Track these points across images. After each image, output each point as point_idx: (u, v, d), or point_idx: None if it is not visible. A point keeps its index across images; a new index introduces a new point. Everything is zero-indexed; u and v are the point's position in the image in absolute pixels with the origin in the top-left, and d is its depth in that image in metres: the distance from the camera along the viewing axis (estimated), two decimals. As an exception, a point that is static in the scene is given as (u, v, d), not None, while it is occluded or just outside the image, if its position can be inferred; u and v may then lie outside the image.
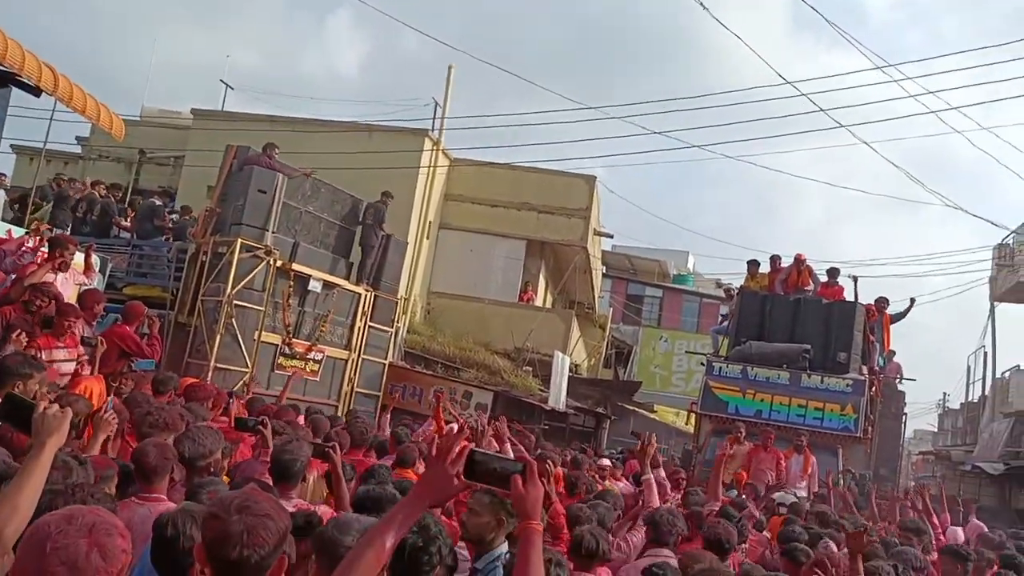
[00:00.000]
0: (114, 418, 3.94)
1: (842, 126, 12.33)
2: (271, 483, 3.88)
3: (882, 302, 14.29)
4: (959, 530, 9.35)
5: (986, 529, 9.81)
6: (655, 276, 36.98)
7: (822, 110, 12.24)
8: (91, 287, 7.45)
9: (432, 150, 18.13)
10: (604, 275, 28.72)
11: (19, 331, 5.57)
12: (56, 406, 2.33)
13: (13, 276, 6.88)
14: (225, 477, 4.43)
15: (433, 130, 18.35)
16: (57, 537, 1.67)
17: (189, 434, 4.02)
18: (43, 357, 5.97)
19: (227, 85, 20.75)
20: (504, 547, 3.23)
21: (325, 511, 3.69)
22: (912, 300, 14.93)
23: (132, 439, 4.50)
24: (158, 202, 12.96)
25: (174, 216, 13.53)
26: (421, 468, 6.31)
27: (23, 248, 7.15)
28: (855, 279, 14.31)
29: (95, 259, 10.10)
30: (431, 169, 18.15)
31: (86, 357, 6.11)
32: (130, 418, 4.52)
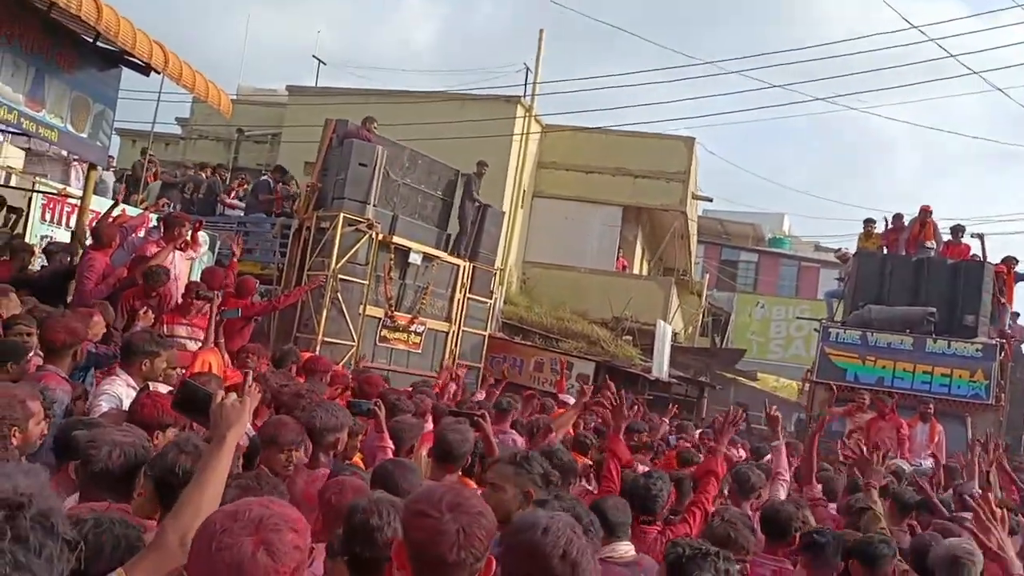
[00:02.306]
0: (259, 391, 3.83)
1: (974, 72, 11.45)
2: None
3: (1011, 261, 13.37)
4: None
5: None
6: (749, 240, 35.92)
7: (952, 56, 11.39)
8: (210, 266, 7.51)
9: (525, 117, 17.82)
10: (698, 240, 28.00)
11: (146, 308, 5.59)
12: (234, 395, 2.17)
13: (133, 256, 6.97)
14: (359, 456, 4.30)
15: (525, 96, 18.02)
16: (222, 536, 1.50)
17: (324, 405, 3.90)
18: (164, 332, 6.05)
19: (320, 61, 20.88)
20: None
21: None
22: None
23: (262, 415, 4.42)
24: (266, 177, 13.07)
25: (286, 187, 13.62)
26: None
27: (146, 225, 7.23)
28: (981, 237, 13.44)
29: (204, 236, 10.28)
30: (524, 137, 17.86)
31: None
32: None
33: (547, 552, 1.73)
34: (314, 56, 20.87)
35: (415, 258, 12.13)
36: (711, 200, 23.16)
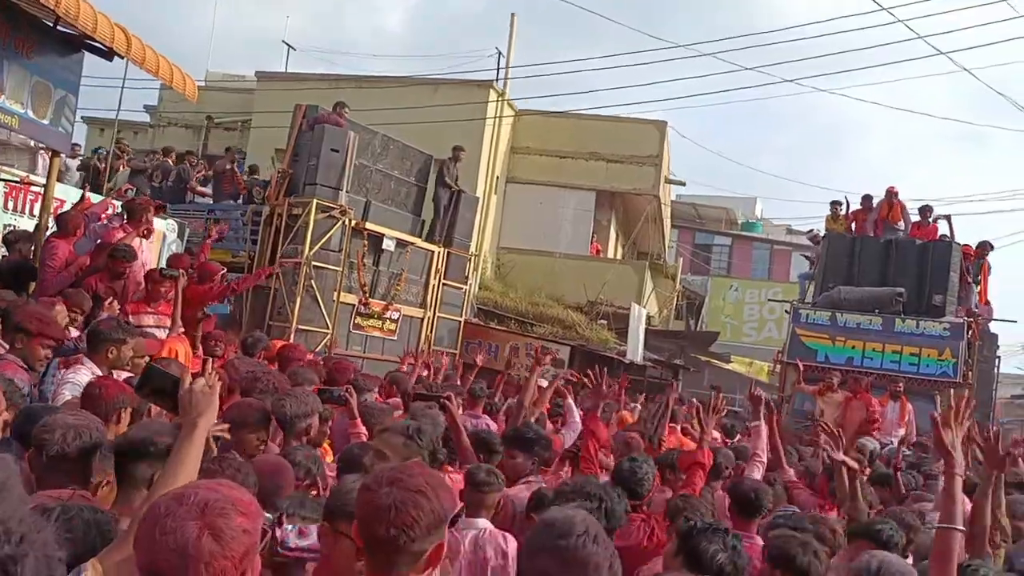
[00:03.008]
0: (223, 378, 3.79)
1: (941, 53, 11.55)
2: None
3: (986, 247, 13.54)
4: None
5: None
6: (723, 224, 36.16)
7: (920, 37, 11.48)
8: (176, 252, 7.40)
9: (497, 101, 17.74)
10: (671, 225, 28.12)
11: (112, 298, 5.51)
12: (203, 380, 2.13)
13: (98, 242, 6.86)
14: (328, 442, 4.27)
15: (497, 81, 17.94)
16: (165, 521, 1.46)
17: (292, 392, 3.87)
18: (131, 321, 5.94)
19: (289, 46, 20.66)
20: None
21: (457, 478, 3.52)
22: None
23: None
24: (228, 165, 12.93)
25: (245, 177, 13.49)
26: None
27: (109, 212, 7.11)
28: (948, 217, 13.61)
29: (172, 223, 10.16)
30: (497, 121, 17.79)
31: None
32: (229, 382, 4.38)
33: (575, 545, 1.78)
34: (283, 41, 20.68)
35: (389, 244, 12.08)
36: (684, 184, 23.26)
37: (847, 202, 14.28)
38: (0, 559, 1.12)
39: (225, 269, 7.41)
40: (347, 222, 11.14)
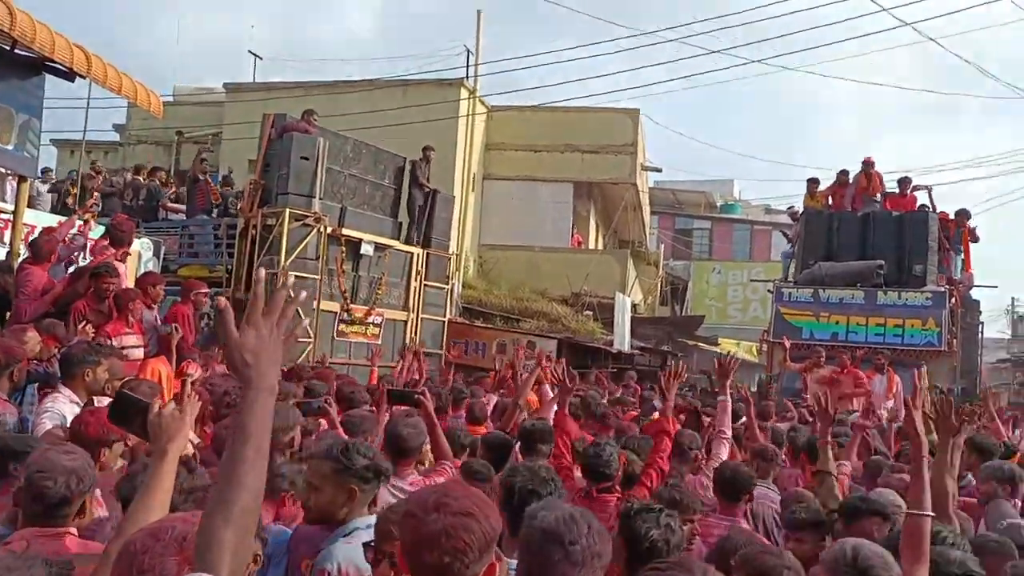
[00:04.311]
0: (199, 400, 3.73)
1: (906, 24, 11.59)
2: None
3: (963, 215, 13.62)
4: None
5: None
6: (702, 208, 36.27)
7: (886, 10, 11.50)
8: (149, 270, 7.30)
9: (469, 99, 17.68)
10: (651, 211, 28.16)
11: (84, 322, 5.42)
12: (173, 405, 2.06)
13: (72, 268, 6.76)
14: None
15: (468, 78, 17.87)
16: (142, 558, 1.39)
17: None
18: (112, 344, 5.85)
19: (256, 56, 20.50)
20: (369, 519, 2.58)
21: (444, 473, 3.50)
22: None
23: (208, 425, 4.30)
24: (200, 176, 12.80)
25: (219, 188, 13.35)
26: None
27: (78, 232, 7.01)
28: (929, 189, 13.69)
29: (147, 242, 10.04)
30: (469, 119, 17.73)
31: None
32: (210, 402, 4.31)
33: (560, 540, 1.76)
34: (250, 52, 20.50)
35: (367, 249, 12.01)
36: (660, 170, 23.30)
37: (838, 177, 14.29)
38: None
39: (207, 287, 7.32)
40: (322, 229, 11.07)
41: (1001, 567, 2.82)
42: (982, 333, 18.92)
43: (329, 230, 11.25)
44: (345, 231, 11.55)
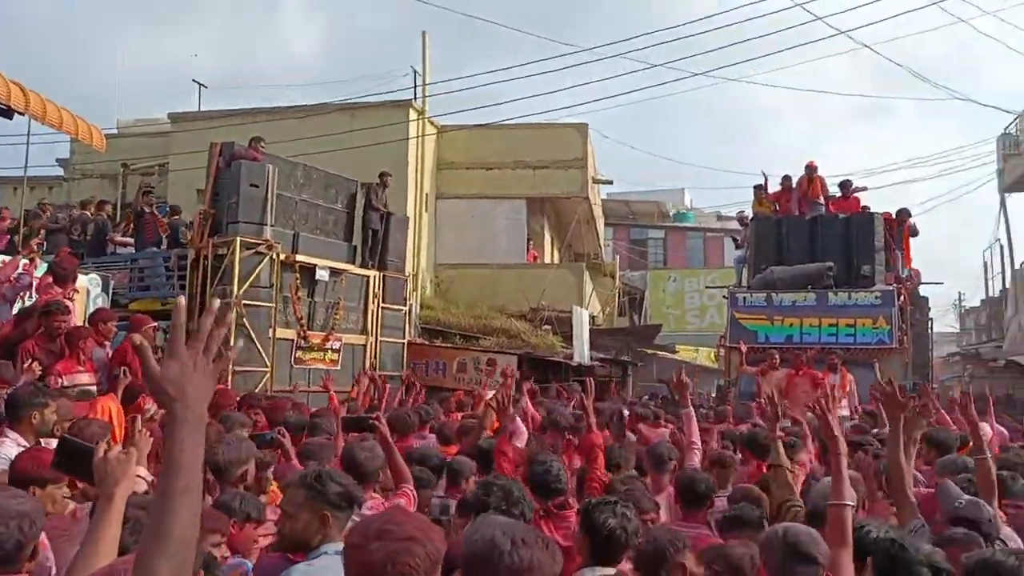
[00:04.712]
0: (149, 436, 3.67)
1: (841, 32, 11.90)
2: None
3: (904, 214, 13.98)
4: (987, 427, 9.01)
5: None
6: (655, 217, 36.73)
7: (819, 19, 11.80)
8: (101, 307, 7.17)
9: (418, 120, 17.70)
10: (605, 223, 28.41)
11: (31, 360, 5.30)
12: (119, 448, 2.02)
13: (18, 308, 6.62)
14: (275, 485, 4.16)
15: (416, 99, 17.90)
16: None
17: (223, 439, 3.76)
18: (64, 383, 5.73)
19: (200, 85, 20.24)
20: (339, 544, 2.54)
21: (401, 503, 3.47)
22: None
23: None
24: (147, 209, 12.62)
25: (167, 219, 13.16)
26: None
27: (23, 271, 6.87)
28: (863, 189, 14.05)
29: (96, 277, 9.86)
30: (419, 140, 17.75)
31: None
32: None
33: (497, 553, 1.73)
34: (194, 80, 20.25)
35: (322, 274, 11.93)
36: (611, 183, 23.53)
37: (765, 177, 14.61)
38: None
39: (156, 323, 7.19)
40: (275, 256, 10.97)
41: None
42: (931, 329, 19.37)
43: (282, 257, 11.17)
44: (299, 257, 11.46)
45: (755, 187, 14.78)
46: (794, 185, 14.03)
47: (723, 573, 2.70)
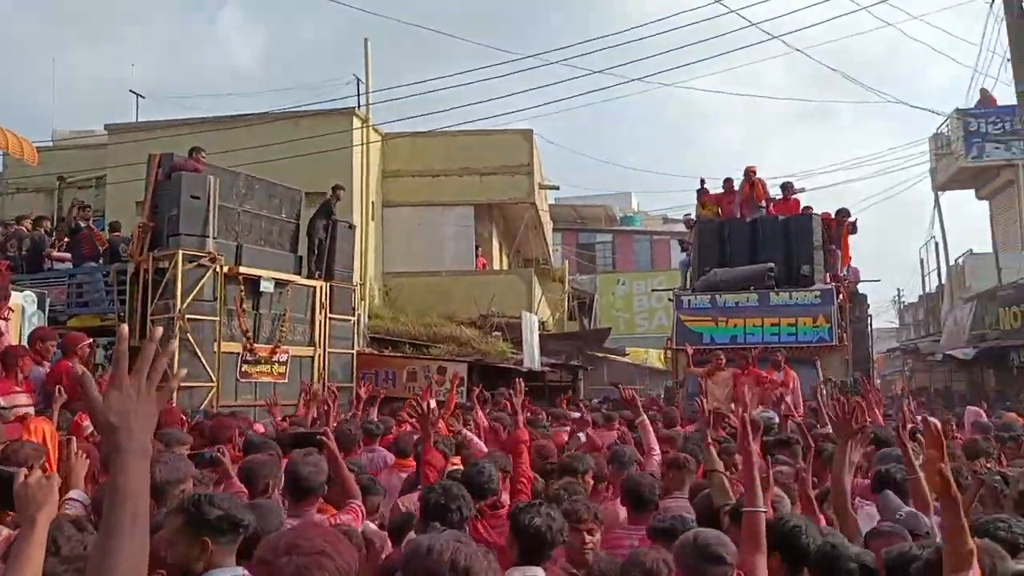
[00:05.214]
0: (85, 458, 3.60)
1: (775, 37, 12.17)
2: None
3: (843, 214, 14.34)
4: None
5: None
6: (602, 221, 37.04)
7: (753, 24, 12.05)
8: (39, 326, 6.99)
9: (362, 127, 17.61)
10: (553, 228, 28.58)
11: (-39, 384, 5.15)
12: (39, 473, 1.97)
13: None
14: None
15: (360, 107, 17.82)
16: None
17: (160, 458, 3.69)
18: (2, 403, 5.60)
19: (138, 95, 19.88)
20: (235, 571, 2.55)
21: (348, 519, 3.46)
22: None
23: (105, 479, 4.15)
24: (82, 224, 12.33)
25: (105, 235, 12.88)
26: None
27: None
28: (800, 191, 14.37)
29: (31, 295, 9.59)
30: (364, 148, 17.66)
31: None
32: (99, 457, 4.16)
33: (438, 569, 1.73)
34: (131, 91, 19.87)
35: (267, 286, 11.76)
36: (558, 188, 23.70)
37: (702, 182, 14.91)
38: None
39: (90, 339, 7.03)
40: (218, 269, 10.80)
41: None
42: (871, 325, 19.88)
43: (226, 269, 10.99)
44: (243, 269, 11.29)
45: (697, 191, 15.04)
46: (736, 188, 14.31)
47: None
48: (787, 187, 14.55)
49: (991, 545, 2.56)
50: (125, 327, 1.61)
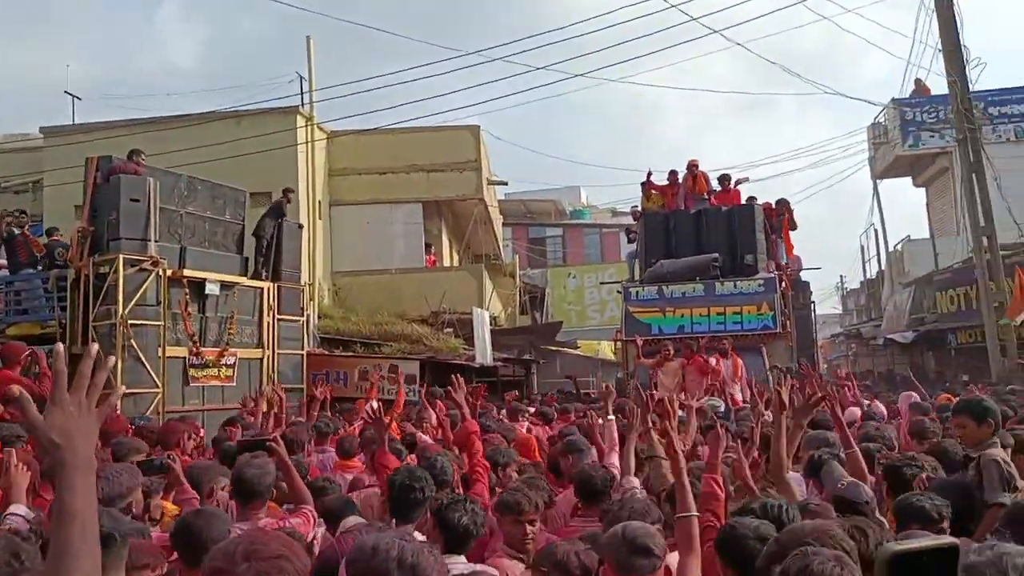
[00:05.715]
0: (26, 470, 3.53)
1: (715, 31, 12.36)
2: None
3: (783, 205, 14.64)
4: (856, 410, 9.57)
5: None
6: (552, 216, 37.24)
7: (694, 19, 12.23)
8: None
9: (306, 126, 17.43)
10: (503, 224, 28.63)
11: None
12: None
13: None
14: (176, 510, 4.05)
15: (304, 105, 17.62)
16: None
17: (102, 472, 3.64)
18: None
19: (74, 97, 19.40)
20: None
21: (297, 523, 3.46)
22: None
23: (46, 491, 4.07)
24: (16, 231, 12.00)
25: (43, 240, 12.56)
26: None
27: None
28: (744, 180, 14.64)
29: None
30: (309, 146, 17.48)
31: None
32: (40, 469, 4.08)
33: (384, 568, 1.73)
34: (67, 92, 19.37)
35: (212, 288, 11.61)
36: (506, 183, 23.75)
37: (649, 173, 15.12)
38: None
39: (27, 348, 6.88)
40: (161, 272, 10.63)
41: None
42: (815, 311, 20.37)
43: (169, 272, 10.82)
44: (187, 272, 11.13)
45: (642, 184, 15.22)
46: (680, 181, 14.52)
47: (551, 572, 2.87)
48: (725, 179, 14.82)
49: (864, 522, 2.68)
50: (60, 345, 1.61)
